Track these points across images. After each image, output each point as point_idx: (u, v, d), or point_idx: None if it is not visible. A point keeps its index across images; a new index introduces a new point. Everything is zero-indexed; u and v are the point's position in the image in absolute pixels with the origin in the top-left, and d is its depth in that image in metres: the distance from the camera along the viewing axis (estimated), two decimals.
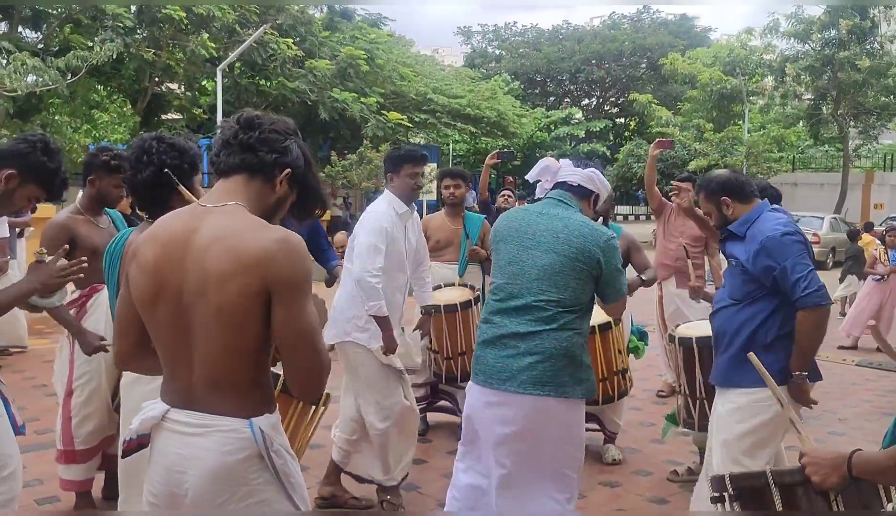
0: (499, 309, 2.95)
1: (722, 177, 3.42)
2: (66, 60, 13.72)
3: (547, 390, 2.83)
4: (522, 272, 2.91)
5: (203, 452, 1.77)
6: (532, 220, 2.98)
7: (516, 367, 2.84)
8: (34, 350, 7.68)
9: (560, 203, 3.02)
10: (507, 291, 2.93)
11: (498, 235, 3.06)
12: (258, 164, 1.85)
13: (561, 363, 2.85)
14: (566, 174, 3.08)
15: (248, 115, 1.89)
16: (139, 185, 2.84)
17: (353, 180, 19.26)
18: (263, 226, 1.79)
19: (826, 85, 26.17)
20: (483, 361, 2.95)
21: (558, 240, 2.89)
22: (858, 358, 8.53)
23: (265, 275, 1.72)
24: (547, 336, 2.84)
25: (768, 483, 2.00)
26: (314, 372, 1.79)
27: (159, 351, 1.88)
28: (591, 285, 2.94)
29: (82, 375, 3.71)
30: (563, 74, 42.09)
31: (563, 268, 2.86)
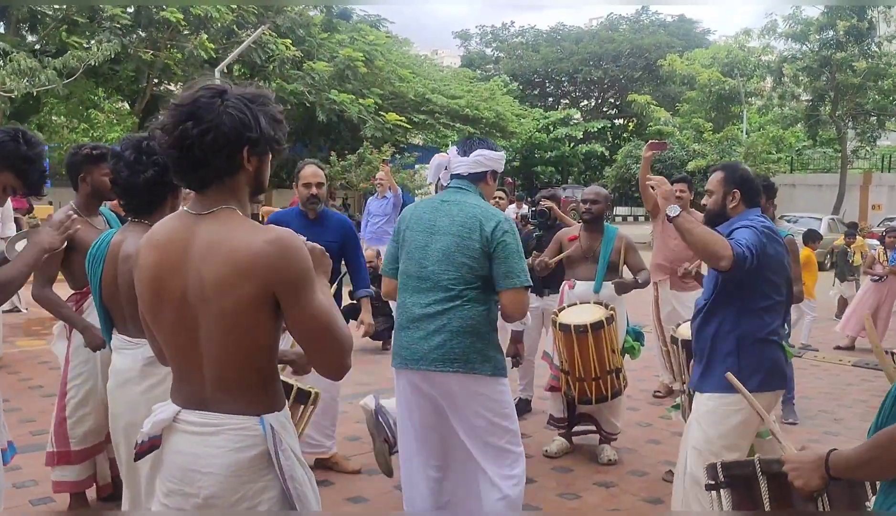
0: (408, 292, 3.15)
1: (749, 173, 3.41)
2: (63, 60, 13.73)
3: (456, 367, 3.03)
4: (426, 256, 3.11)
5: (216, 451, 1.79)
6: (435, 207, 3.18)
7: (426, 347, 3.05)
8: (30, 351, 7.67)
9: (459, 190, 3.22)
10: (415, 275, 3.13)
11: (405, 224, 3.23)
12: (221, 171, 1.81)
13: (467, 340, 3.03)
14: (455, 166, 3.26)
15: (180, 133, 1.74)
16: (140, 187, 2.82)
17: (352, 181, 19.27)
18: (255, 229, 1.78)
19: (824, 86, 26.18)
20: (398, 344, 3.16)
21: (454, 223, 3.09)
22: (855, 358, 8.53)
23: (264, 279, 1.73)
24: (452, 314, 3.03)
25: (755, 471, 2.03)
26: (338, 351, 1.83)
27: (167, 353, 1.90)
28: (486, 261, 3.06)
29: (78, 375, 3.69)
30: (561, 75, 42.15)
31: (458, 247, 3.06)
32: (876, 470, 1.73)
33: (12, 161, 2.73)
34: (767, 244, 3.13)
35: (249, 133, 1.78)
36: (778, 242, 3.24)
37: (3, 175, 2.75)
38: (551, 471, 4.66)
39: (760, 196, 3.40)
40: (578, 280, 5.06)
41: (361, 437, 5.19)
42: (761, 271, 3.12)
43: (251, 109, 1.78)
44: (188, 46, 16.70)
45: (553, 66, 40.84)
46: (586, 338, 4.49)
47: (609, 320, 4.56)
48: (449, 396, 3.10)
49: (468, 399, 3.07)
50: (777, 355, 3.22)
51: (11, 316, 9.35)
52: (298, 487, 1.85)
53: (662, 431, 5.54)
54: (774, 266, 3.17)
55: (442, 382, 3.07)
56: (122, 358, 2.89)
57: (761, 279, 3.15)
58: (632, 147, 28.92)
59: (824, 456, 1.81)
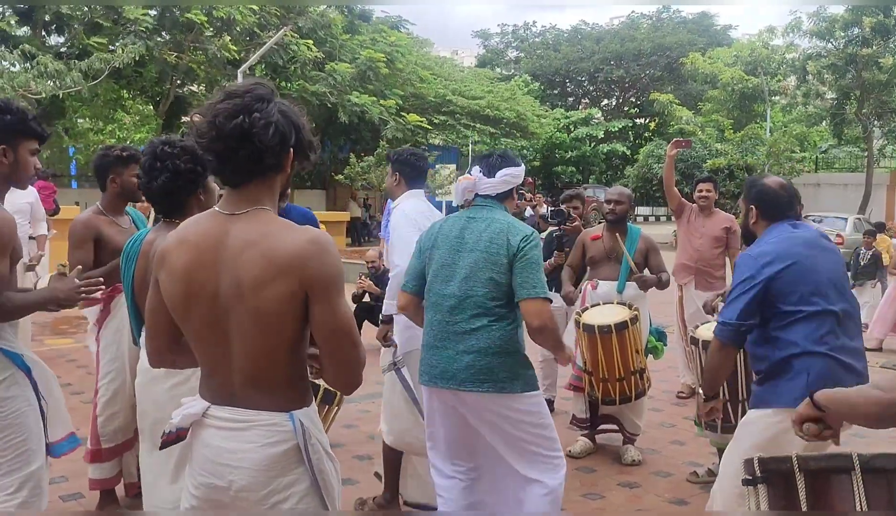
0: (436, 310, 3.12)
1: (763, 186, 3.19)
2: (88, 63, 13.91)
3: (486, 387, 3.00)
4: (454, 273, 3.08)
5: (247, 445, 1.82)
6: (462, 225, 3.16)
7: (456, 367, 3.02)
8: (58, 349, 7.79)
9: (484, 207, 3.20)
10: (442, 293, 3.10)
11: (431, 242, 3.21)
12: (268, 169, 1.84)
13: (497, 359, 3.01)
14: (483, 188, 3.21)
15: (236, 125, 1.75)
16: (155, 192, 2.87)
17: (373, 182, 19.35)
18: (292, 228, 1.82)
19: (849, 84, 25.86)
20: (427, 362, 3.13)
21: (481, 239, 3.08)
22: (883, 360, 8.43)
23: (300, 276, 1.76)
24: (480, 333, 3.01)
25: (793, 468, 2.01)
26: (354, 364, 1.85)
27: (196, 350, 1.92)
28: (511, 275, 3.05)
29: (107, 373, 3.75)
30: (582, 75, 41.96)
31: (486, 263, 3.03)
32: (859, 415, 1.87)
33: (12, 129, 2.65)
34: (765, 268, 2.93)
35: (299, 134, 1.85)
36: (788, 256, 2.98)
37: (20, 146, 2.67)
38: (575, 472, 4.65)
39: (785, 209, 3.16)
40: (601, 280, 5.04)
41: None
42: (770, 301, 2.93)
43: (297, 114, 1.86)
44: (211, 48, 16.86)
45: (574, 65, 40.67)
46: (610, 338, 4.48)
47: (633, 320, 4.54)
48: (481, 414, 3.08)
49: (501, 417, 3.05)
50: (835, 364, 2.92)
51: (40, 314, 9.46)
52: (327, 479, 1.89)
53: (686, 432, 5.50)
54: (787, 285, 2.93)
55: (473, 401, 3.05)
56: None
57: (774, 305, 2.94)
58: (653, 146, 28.74)
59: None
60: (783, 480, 2.04)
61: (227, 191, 1.89)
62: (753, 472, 2.07)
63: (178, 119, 20.58)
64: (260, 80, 1.89)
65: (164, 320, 1.95)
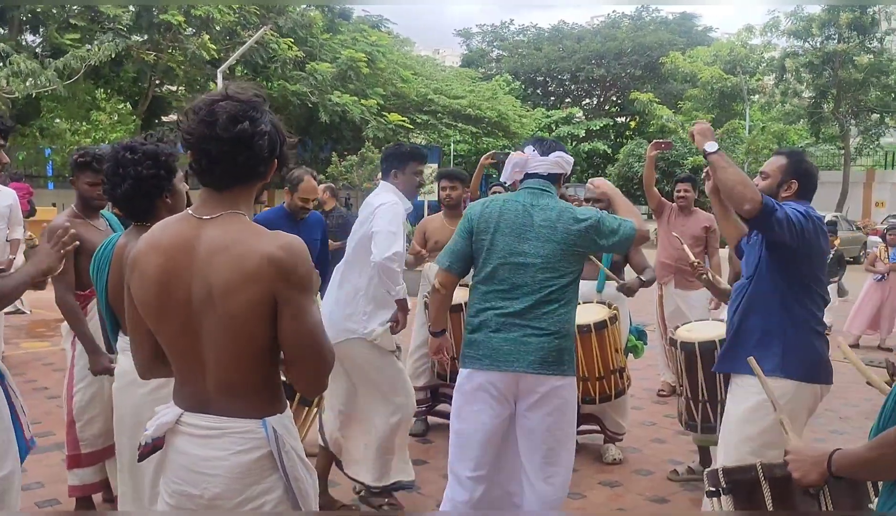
0: (498, 295, 3.11)
1: (813, 168, 3.25)
2: (63, 61, 13.74)
3: (552, 369, 3.06)
4: (525, 263, 3.08)
5: (220, 453, 1.81)
6: (525, 211, 3.13)
7: (523, 350, 3.04)
8: (35, 353, 7.69)
9: (544, 192, 3.20)
10: (510, 279, 3.09)
11: (491, 225, 3.15)
12: (254, 174, 1.85)
13: (564, 344, 3.10)
14: (535, 165, 3.24)
15: (240, 130, 1.76)
16: (119, 199, 2.84)
17: (354, 181, 19.28)
18: (263, 234, 1.80)
19: (826, 82, 26.17)
20: (484, 345, 3.10)
21: (556, 230, 3.08)
22: (860, 356, 8.51)
23: (270, 282, 1.74)
24: (549, 317, 3.06)
25: (758, 476, 2.02)
26: (321, 370, 1.84)
27: (170, 357, 1.91)
28: (583, 261, 3.22)
29: (83, 378, 3.70)
30: (563, 74, 42.06)
31: (564, 255, 3.08)
32: (881, 469, 1.72)
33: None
34: (813, 230, 2.98)
35: (283, 145, 1.87)
36: (825, 235, 3.11)
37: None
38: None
39: (813, 192, 3.24)
40: (581, 279, 5.03)
41: None
42: (807, 254, 3.00)
43: (281, 126, 1.88)
44: (190, 47, 16.72)
45: (555, 64, 40.76)
46: (590, 337, 4.48)
47: (612, 319, 4.55)
48: (532, 397, 3.08)
49: (550, 399, 3.08)
50: (823, 348, 3.10)
51: (16, 317, 9.37)
52: (302, 487, 1.88)
53: (667, 430, 5.53)
54: (817, 256, 3.05)
55: (532, 384, 3.06)
56: (127, 359, 2.89)
57: (806, 263, 3.02)
58: (634, 145, 28.88)
59: (828, 454, 1.81)
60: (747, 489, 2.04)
61: (204, 194, 1.86)
62: (718, 483, 2.07)
63: (157, 119, 20.40)
64: (252, 86, 1.88)
65: (146, 331, 1.93)
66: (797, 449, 1.93)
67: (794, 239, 2.94)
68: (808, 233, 2.97)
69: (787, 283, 3.04)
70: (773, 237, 2.98)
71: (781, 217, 2.91)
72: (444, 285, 3.30)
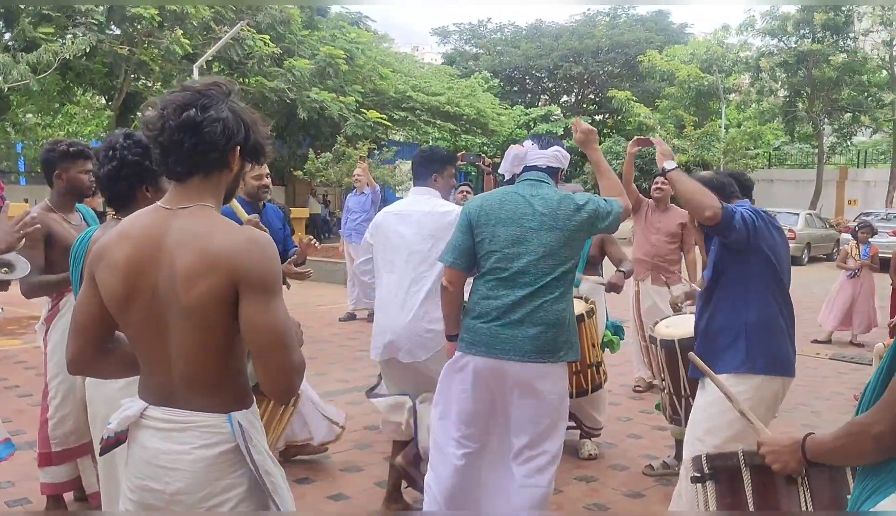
0: (496, 284, 3.14)
1: (703, 179, 3.39)
2: (35, 55, 13.53)
3: (547, 358, 3.10)
4: (528, 251, 3.11)
5: (183, 447, 1.78)
6: (527, 202, 3.17)
7: (520, 337, 3.08)
8: (6, 351, 7.57)
9: (543, 183, 3.24)
10: (511, 269, 3.12)
11: (493, 218, 3.18)
12: (212, 163, 1.82)
13: (561, 332, 3.13)
14: (534, 158, 3.29)
15: (186, 117, 1.75)
16: (102, 179, 2.84)
17: (332, 178, 19.20)
18: (231, 227, 1.79)
19: (801, 81, 26.50)
20: (481, 332, 3.14)
21: (558, 217, 3.12)
22: (832, 351, 8.65)
23: (231, 273, 1.72)
24: (548, 306, 3.10)
25: (740, 463, 2.03)
26: (286, 370, 1.76)
27: (135, 349, 1.88)
28: (582, 247, 3.27)
29: (56, 375, 3.64)
30: (541, 71, 42.19)
31: (566, 242, 3.12)
32: (848, 456, 1.76)
33: None
34: (765, 226, 3.15)
35: (247, 134, 1.84)
36: (779, 231, 3.25)
37: None
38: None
39: (731, 186, 3.42)
40: None
41: None
42: (762, 250, 3.13)
43: (250, 116, 1.86)
44: (164, 42, 16.54)
45: (533, 62, 40.87)
46: None
47: (589, 314, 4.57)
48: (525, 385, 3.11)
49: (541, 387, 3.11)
50: (784, 342, 3.20)
51: None
52: (274, 480, 1.85)
53: (643, 426, 5.57)
54: (772, 251, 3.17)
55: (526, 372, 3.09)
56: None
57: (760, 260, 3.15)
58: (612, 143, 29.04)
59: (800, 440, 1.83)
60: (729, 476, 2.06)
61: (171, 187, 1.86)
62: (701, 469, 2.09)
63: (133, 114, 20.17)
64: (221, 79, 1.88)
65: (92, 319, 1.87)
66: (770, 440, 1.94)
67: (751, 238, 3.09)
68: (760, 231, 3.12)
69: (745, 281, 3.17)
70: (732, 239, 3.11)
71: (739, 219, 3.06)
72: (452, 282, 3.29)
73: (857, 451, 1.68)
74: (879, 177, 29.00)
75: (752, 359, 3.11)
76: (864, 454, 1.67)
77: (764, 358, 3.12)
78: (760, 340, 3.14)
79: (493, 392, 3.18)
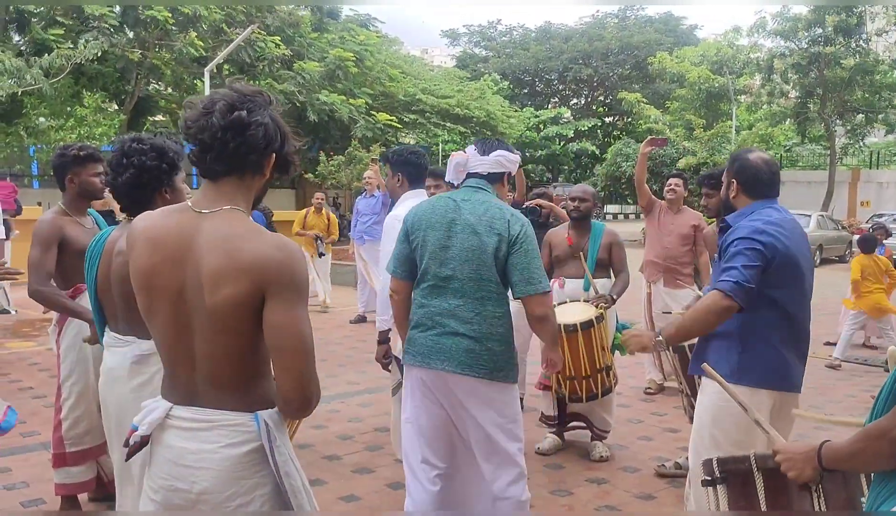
0: (430, 292, 3.10)
1: (747, 161, 3.11)
2: (48, 60, 13.63)
3: (482, 372, 3.01)
4: (451, 256, 3.06)
5: (210, 446, 1.79)
6: (455, 206, 3.13)
7: (453, 349, 3.02)
8: (20, 353, 7.63)
9: (478, 189, 3.19)
10: (438, 275, 3.08)
11: (424, 223, 3.16)
12: (249, 165, 1.85)
13: (497, 346, 3.03)
14: (475, 165, 3.23)
15: (236, 117, 1.79)
16: (120, 188, 2.85)
17: (343, 181, 19.25)
18: (260, 233, 1.81)
19: (812, 83, 26.34)
20: (418, 341, 3.10)
21: (481, 222, 3.05)
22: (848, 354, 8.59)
23: (258, 277, 1.73)
24: (481, 317, 3.02)
25: (752, 466, 2.02)
26: (307, 377, 1.77)
27: (160, 349, 1.90)
28: (505, 262, 3.06)
29: (69, 376, 3.68)
30: (551, 73, 42.20)
31: (487, 248, 3.02)
32: (865, 461, 1.74)
33: None
34: (771, 244, 2.89)
35: (282, 144, 1.88)
36: (794, 240, 2.97)
37: None
38: (543, 468, 4.68)
39: (767, 187, 3.09)
40: (568, 278, 5.06)
41: (353, 436, 5.20)
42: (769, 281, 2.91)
43: (286, 128, 1.90)
44: (177, 45, 16.63)
45: (543, 64, 40.87)
46: (576, 337, 4.50)
47: (599, 319, 4.57)
48: (466, 399, 3.05)
49: (486, 404, 3.04)
50: (783, 355, 2.99)
51: (1, 318, 9.30)
52: (293, 483, 1.85)
53: (653, 428, 5.56)
54: (781, 266, 2.93)
55: (463, 385, 3.03)
56: (112, 355, 2.89)
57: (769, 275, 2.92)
58: (622, 145, 28.98)
59: (817, 448, 1.82)
60: (741, 479, 2.05)
61: (203, 186, 1.88)
62: (713, 473, 2.07)
63: (144, 118, 20.28)
64: (263, 89, 1.92)
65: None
66: (785, 448, 1.93)
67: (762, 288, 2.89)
68: (768, 255, 2.89)
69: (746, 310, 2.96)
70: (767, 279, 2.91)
71: (748, 286, 2.84)
72: (396, 290, 3.28)
73: (874, 456, 1.67)
74: (892, 178, 28.80)
75: (742, 370, 2.94)
76: (881, 458, 1.66)
77: (756, 370, 2.95)
78: (755, 352, 2.96)
79: (444, 404, 3.11)
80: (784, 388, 3.02)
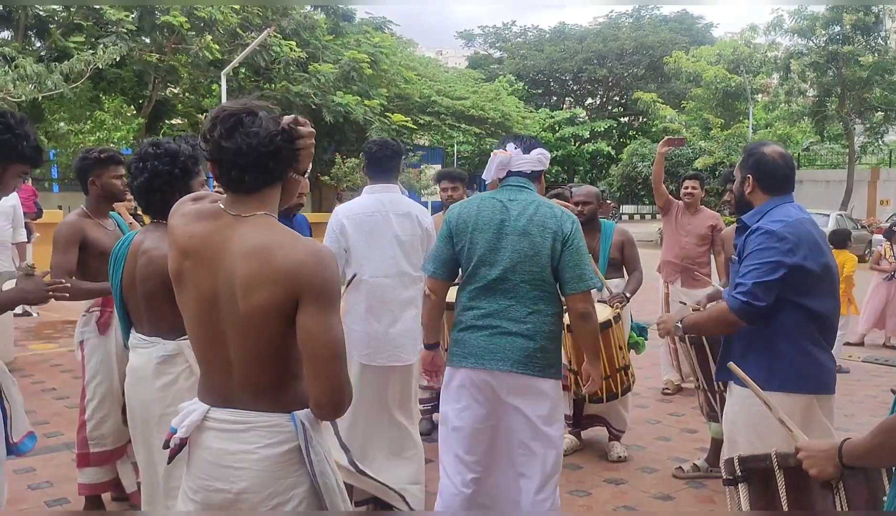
0: (481, 294, 3.10)
1: (763, 156, 3.00)
2: (69, 65, 13.78)
3: (536, 370, 3.03)
4: (504, 258, 3.05)
5: (249, 447, 1.82)
6: (504, 207, 3.12)
7: (508, 348, 3.03)
8: (43, 354, 7.73)
9: (522, 188, 3.18)
10: (489, 276, 3.07)
11: (471, 225, 3.13)
12: (276, 176, 1.88)
13: (550, 344, 3.08)
14: (518, 163, 3.21)
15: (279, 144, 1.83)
16: (136, 191, 2.93)
17: (359, 183, 19.31)
18: (295, 238, 1.83)
19: (831, 81, 26.11)
20: (469, 343, 3.09)
21: (533, 223, 3.05)
22: (865, 354, 8.53)
23: (292, 283, 1.75)
24: (536, 317, 3.04)
25: (773, 465, 2.02)
26: (340, 382, 1.78)
27: (196, 351, 1.93)
28: (559, 260, 3.09)
29: (94, 377, 3.72)
30: (565, 74, 42.10)
31: (542, 250, 3.03)
32: (885, 455, 1.74)
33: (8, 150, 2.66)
34: (790, 249, 2.77)
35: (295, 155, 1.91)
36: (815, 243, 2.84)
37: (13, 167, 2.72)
38: (562, 469, 4.67)
39: (783, 183, 2.99)
40: None
41: None
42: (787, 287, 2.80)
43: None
44: (193, 48, 16.77)
45: (557, 64, 40.78)
46: None
47: (616, 319, 4.57)
48: (516, 396, 3.06)
49: (537, 398, 3.06)
50: (813, 358, 2.89)
51: (24, 320, 9.42)
52: (328, 482, 1.87)
53: (671, 428, 5.55)
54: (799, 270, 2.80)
55: (516, 383, 3.04)
56: (138, 356, 2.93)
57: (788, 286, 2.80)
58: (637, 145, 28.89)
59: (838, 445, 1.82)
60: (763, 478, 2.05)
61: (232, 196, 1.89)
62: (734, 472, 2.08)
63: (162, 121, 20.45)
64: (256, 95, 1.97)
65: None
66: (807, 446, 1.93)
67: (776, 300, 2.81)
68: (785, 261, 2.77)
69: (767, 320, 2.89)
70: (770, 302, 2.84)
71: (762, 297, 2.77)
72: (434, 290, 3.27)
73: (894, 449, 1.68)
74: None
75: (771, 375, 2.84)
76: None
77: (785, 374, 2.85)
78: (783, 355, 2.86)
79: (489, 405, 3.12)
80: (818, 391, 2.95)
